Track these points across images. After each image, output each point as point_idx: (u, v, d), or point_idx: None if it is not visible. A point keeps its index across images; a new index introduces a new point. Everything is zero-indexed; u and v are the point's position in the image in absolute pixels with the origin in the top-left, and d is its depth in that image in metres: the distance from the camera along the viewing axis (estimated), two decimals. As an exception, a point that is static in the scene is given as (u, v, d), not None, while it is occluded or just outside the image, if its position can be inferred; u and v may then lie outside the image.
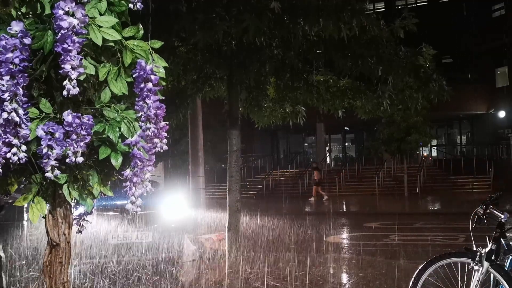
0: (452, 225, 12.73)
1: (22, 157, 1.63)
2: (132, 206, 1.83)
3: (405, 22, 6.83)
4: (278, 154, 37.52)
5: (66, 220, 2.00)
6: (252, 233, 8.93)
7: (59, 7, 1.59)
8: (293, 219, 10.60)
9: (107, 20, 1.74)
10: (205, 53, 6.58)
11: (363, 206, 20.30)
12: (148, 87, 1.77)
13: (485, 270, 3.68)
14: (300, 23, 5.72)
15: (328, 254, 7.44)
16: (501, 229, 3.77)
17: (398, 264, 6.83)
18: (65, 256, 1.99)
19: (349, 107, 8.02)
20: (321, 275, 6.12)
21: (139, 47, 1.84)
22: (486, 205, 3.87)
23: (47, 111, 1.74)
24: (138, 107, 1.79)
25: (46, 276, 1.98)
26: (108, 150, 1.79)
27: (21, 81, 1.59)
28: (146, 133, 1.80)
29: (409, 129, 22.69)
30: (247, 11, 5.41)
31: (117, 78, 1.82)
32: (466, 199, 20.55)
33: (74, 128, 1.66)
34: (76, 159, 1.67)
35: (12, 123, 1.60)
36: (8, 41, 1.57)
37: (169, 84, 7.09)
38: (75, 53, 1.60)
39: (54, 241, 1.97)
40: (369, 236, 11.24)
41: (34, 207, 1.84)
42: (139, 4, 1.89)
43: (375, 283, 5.84)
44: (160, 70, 1.85)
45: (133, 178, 1.80)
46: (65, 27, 1.59)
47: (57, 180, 1.74)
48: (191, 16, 5.57)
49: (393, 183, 26.35)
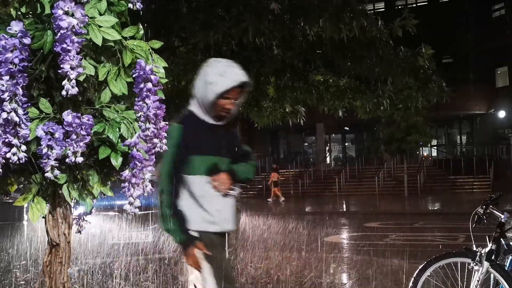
0: (452, 225, 12.73)
1: (21, 157, 1.63)
2: (130, 207, 1.83)
3: (404, 22, 6.83)
4: (278, 154, 37.52)
5: (66, 220, 2.00)
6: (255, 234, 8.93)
7: (59, 7, 1.59)
8: (293, 219, 10.61)
9: (107, 20, 1.74)
10: (205, 53, 6.58)
11: (363, 206, 20.29)
12: (148, 87, 1.77)
13: (485, 270, 3.68)
14: (300, 23, 5.72)
15: (328, 254, 7.44)
16: (501, 229, 3.77)
17: (398, 264, 6.83)
18: (65, 256, 1.99)
19: (349, 107, 8.02)
20: (320, 275, 6.12)
21: (139, 47, 1.84)
22: (486, 205, 3.86)
23: (47, 111, 1.74)
24: (138, 107, 1.79)
25: (46, 276, 1.98)
26: (108, 150, 1.79)
27: (21, 81, 1.59)
28: (145, 133, 1.80)
29: (409, 129, 22.69)
30: (247, 11, 5.41)
31: (117, 78, 1.82)
32: (466, 199, 20.56)
33: (74, 128, 1.66)
34: (76, 159, 1.67)
35: (11, 123, 1.60)
36: (8, 41, 1.57)
37: (169, 84, 7.08)
38: (74, 53, 1.60)
39: (54, 241, 1.97)
40: (369, 236, 11.23)
41: (34, 207, 1.84)
42: (138, 4, 1.89)
43: (374, 283, 5.83)
44: (160, 70, 1.85)
45: (131, 179, 1.80)
46: (64, 27, 1.59)
47: (57, 180, 1.74)
48: (191, 16, 5.57)
49: (393, 183, 26.37)
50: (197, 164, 2.62)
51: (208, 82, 2.62)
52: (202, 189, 2.62)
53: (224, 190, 2.64)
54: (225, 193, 2.66)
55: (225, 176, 2.65)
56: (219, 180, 2.63)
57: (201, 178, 2.62)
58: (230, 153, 2.76)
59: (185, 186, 2.63)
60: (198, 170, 2.61)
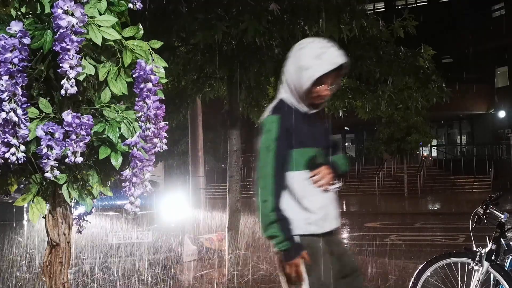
0: (452, 225, 12.74)
1: (20, 157, 1.63)
2: (131, 206, 1.83)
3: (405, 23, 6.83)
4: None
5: (66, 220, 1.99)
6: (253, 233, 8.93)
7: (58, 6, 1.59)
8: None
9: (107, 20, 1.74)
10: (205, 53, 6.58)
11: (363, 206, 20.30)
12: (148, 87, 1.77)
13: (485, 270, 3.69)
14: (300, 23, 5.71)
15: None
16: (501, 229, 3.77)
17: (398, 264, 6.83)
18: (65, 256, 1.99)
19: (349, 107, 8.02)
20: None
21: (139, 47, 1.84)
22: (486, 205, 3.87)
23: (46, 111, 1.74)
24: (138, 107, 1.79)
25: (46, 276, 1.98)
26: (108, 150, 1.79)
27: (20, 81, 1.59)
28: (146, 133, 1.80)
29: (409, 129, 22.70)
30: (247, 11, 5.41)
31: (117, 78, 1.82)
32: (466, 199, 20.56)
33: (73, 128, 1.66)
34: (76, 159, 1.67)
35: (10, 123, 1.60)
36: (7, 41, 1.57)
37: (169, 84, 7.08)
38: (73, 52, 1.60)
39: (54, 241, 1.97)
40: (369, 236, 11.24)
41: (34, 207, 1.84)
42: (138, 4, 1.89)
43: (375, 283, 5.83)
44: (160, 70, 1.85)
45: (132, 179, 1.80)
46: (63, 26, 1.59)
47: (57, 180, 1.74)
48: (191, 16, 5.57)
49: (393, 183, 26.38)
50: (296, 159, 2.36)
51: (302, 67, 2.35)
52: (303, 186, 2.37)
53: (325, 185, 2.40)
54: (327, 188, 2.41)
55: (326, 169, 2.41)
56: (320, 174, 2.39)
57: (300, 173, 2.38)
58: (326, 143, 2.52)
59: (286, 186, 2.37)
60: (298, 165, 2.37)
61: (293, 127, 2.37)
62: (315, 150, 2.42)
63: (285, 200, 2.36)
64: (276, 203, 2.31)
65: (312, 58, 2.33)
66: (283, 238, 2.27)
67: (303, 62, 2.34)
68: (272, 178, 2.31)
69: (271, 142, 2.32)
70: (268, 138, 2.35)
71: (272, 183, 2.31)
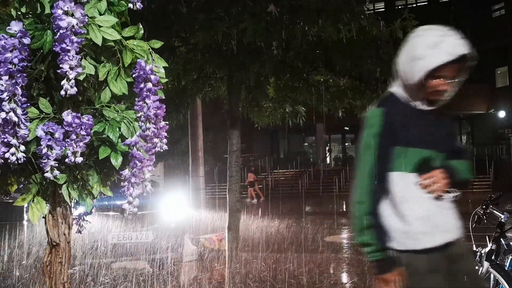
0: (452, 225, 12.71)
1: (20, 157, 1.63)
2: (129, 206, 1.83)
3: (405, 23, 6.82)
4: (278, 154, 37.52)
5: (66, 220, 1.99)
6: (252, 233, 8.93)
7: (58, 7, 1.59)
8: (293, 219, 10.61)
9: (107, 20, 1.74)
10: (205, 53, 6.58)
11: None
12: (148, 87, 1.77)
13: (485, 270, 3.69)
14: (299, 24, 5.71)
15: (328, 254, 7.44)
16: (501, 229, 3.77)
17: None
18: (65, 256, 1.99)
19: (349, 107, 8.02)
20: (321, 274, 6.12)
21: (139, 47, 1.84)
22: (486, 205, 3.87)
23: (46, 111, 1.73)
24: (138, 107, 1.79)
25: (46, 276, 1.98)
26: (108, 150, 1.79)
27: (20, 81, 1.59)
28: (146, 133, 1.80)
29: (409, 129, 22.69)
30: (246, 12, 5.41)
31: (117, 78, 1.82)
32: (466, 199, 20.53)
33: (73, 128, 1.66)
34: (76, 159, 1.67)
35: (10, 123, 1.60)
36: (7, 41, 1.57)
37: (169, 84, 7.08)
38: (73, 53, 1.60)
39: (54, 241, 1.97)
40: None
41: (34, 207, 1.84)
42: (139, 4, 1.89)
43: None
44: (160, 70, 1.85)
45: (131, 178, 1.80)
46: (63, 27, 1.58)
47: (57, 180, 1.74)
48: (191, 16, 5.57)
49: (393, 183, 26.34)
50: (402, 158, 2.09)
51: (415, 57, 2.08)
52: (406, 189, 2.08)
53: (438, 191, 2.08)
54: (438, 195, 2.09)
55: (440, 173, 2.09)
56: (432, 178, 2.08)
57: (405, 175, 2.10)
58: (445, 146, 2.21)
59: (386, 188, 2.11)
60: (403, 166, 2.09)
61: (400, 123, 2.12)
62: (428, 152, 2.14)
63: (383, 204, 2.12)
64: (374, 206, 2.09)
65: (427, 47, 2.06)
66: (377, 247, 2.06)
67: (417, 51, 2.08)
68: (368, 178, 2.11)
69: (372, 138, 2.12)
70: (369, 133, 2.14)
71: (369, 183, 2.10)
